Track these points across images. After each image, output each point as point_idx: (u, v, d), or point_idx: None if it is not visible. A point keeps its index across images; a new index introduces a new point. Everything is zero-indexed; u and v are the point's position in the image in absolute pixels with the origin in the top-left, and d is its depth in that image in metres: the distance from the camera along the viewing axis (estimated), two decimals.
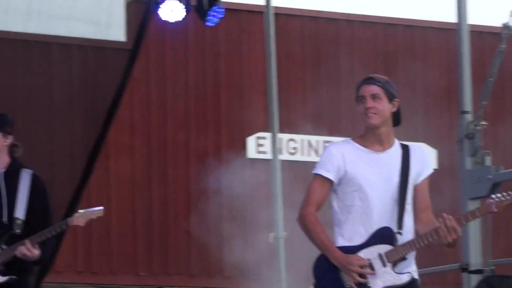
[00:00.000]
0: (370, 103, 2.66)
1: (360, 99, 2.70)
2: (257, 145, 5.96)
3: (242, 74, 5.76)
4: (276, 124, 5.53)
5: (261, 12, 5.61)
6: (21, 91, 5.30)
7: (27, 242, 3.52)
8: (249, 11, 5.84)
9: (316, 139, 6.21)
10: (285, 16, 5.86)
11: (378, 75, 2.72)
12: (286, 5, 5.98)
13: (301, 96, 6.01)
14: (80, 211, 3.47)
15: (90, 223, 5.28)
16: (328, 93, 6.26)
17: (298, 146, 6.22)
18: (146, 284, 5.53)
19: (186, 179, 5.54)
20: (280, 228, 4.84)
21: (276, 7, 5.55)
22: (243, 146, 5.73)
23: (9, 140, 3.67)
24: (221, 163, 5.56)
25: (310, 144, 6.25)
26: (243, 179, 5.59)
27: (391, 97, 2.66)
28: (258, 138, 5.93)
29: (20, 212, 3.57)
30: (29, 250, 3.52)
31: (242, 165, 5.61)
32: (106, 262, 5.42)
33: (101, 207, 3.46)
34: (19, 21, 5.42)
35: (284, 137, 5.88)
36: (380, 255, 2.59)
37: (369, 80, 2.83)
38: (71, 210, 5.24)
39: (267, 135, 5.83)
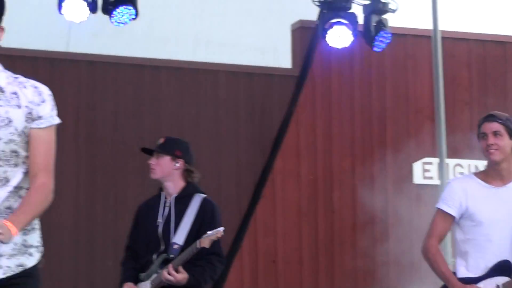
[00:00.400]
0: (491, 140, 2.78)
1: (482, 136, 2.78)
2: (424, 171, 5.81)
3: (408, 98, 5.66)
4: (444, 149, 5.40)
5: (427, 37, 5.59)
6: (189, 119, 5.49)
7: (170, 267, 3.62)
8: (415, 36, 5.75)
9: (484, 164, 6.01)
10: (451, 40, 5.70)
11: (499, 112, 2.71)
12: (453, 29, 5.81)
13: (468, 120, 5.83)
14: (208, 232, 3.48)
15: (257, 250, 5.41)
16: None
17: (465, 171, 6.02)
18: None
19: (352, 205, 5.49)
20: (449, 255, 4.73)
21: (442, 31, 5.44)
22: (409, 172, 5.62)
23: (179, 164, 3.75)
24: (387, 189, 5.48)
25: (477, 169, 6.06)
26: (409, 204, 5.47)
27: None
28: (425, 163, 5.76)
29: (179, 237, 3.66)
30: (171, 274, 3.60)
31: (408, 191, 5.49)
32: None
33: (222, 228, 3.53)
34: (187, 50, 5.63)
35: (450, 162, 5.72)
36: (498, 287, 2.63)
37: (491, 118, 2.89)
38: (239, 237, 5.34)
39: (434, 160, 5.79)
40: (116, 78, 5.48)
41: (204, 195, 3.81)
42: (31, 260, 2.30)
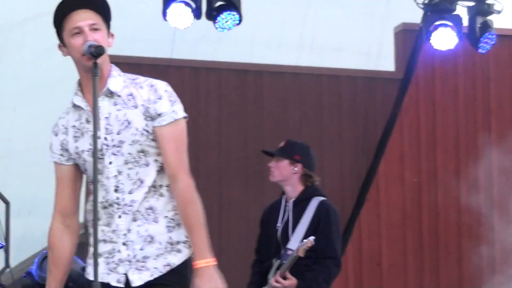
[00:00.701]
0: None
1: None
2: None
3: None
4: None
5: None
6: (292, 123, 5.58)
7: (277, 274, 3.68)
8: None
9: None
10: None
11: None
12: None
13: None
14: (304, 240, 3.55)
15: (361, 253, 5.46)
16: None
17: None
18: None
19: (457, 208, 5.48)
20: None
21: None
22: None
23: (297, 168, 3.80)
24: (492, 191, 5.46)
25: None
26: None
27: None
28: None
29: (294, 243, 3.72)
30: (278, 281, 3.66)
31: None
32: None
33: (312, 237, 3.55)
34: (291, 55, 5.73)
35: None
36: None
37: None
38: (343, 241, 5.42)
39: None
40: (220, 83, 5.62)
41: (322, 198, 3.86)
42: (180, 257, 2.29)
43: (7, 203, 5.55)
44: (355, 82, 5.49)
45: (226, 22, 5.04)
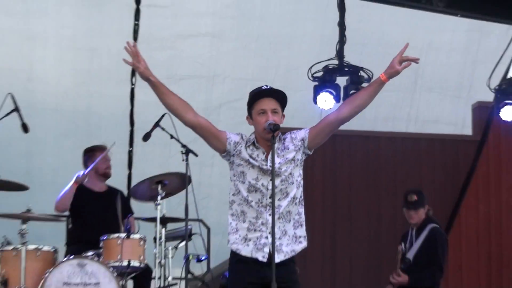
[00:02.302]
0: None
1: None
2: None
3: None
4: None
5: None
6: (400, 176, 7.50)
7: (395, 273, 5.54)
8: None
9: None
10: None
11: None
12: None
13: None
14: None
15: None
16: None
17: None
18: None
19: None
20: None
21: None
22: None
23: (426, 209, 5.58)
24: None
25: None
26: None
27: None
28: None
29: (410, 254, 5.56)
30: (394, 277, 5.44)
31: None
32: None
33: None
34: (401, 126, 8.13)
35: None
36: None
37: None
38: None
39: None
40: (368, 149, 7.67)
41: (435, 225, 5.62)
42: (300, 246, 3.29)
43: (208, 228, 7.06)
44: (445, 144, 7.70)
45: None
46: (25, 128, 5.45)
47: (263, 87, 3.31)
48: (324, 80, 6.71)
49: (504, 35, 7.41)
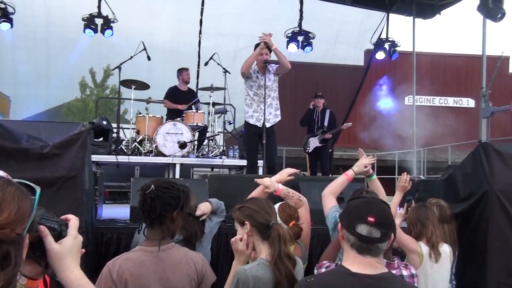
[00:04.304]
0: None
1: None
2: None
3: None
4: None
5: None
6: None
7: None
8: None
9: None
10: None
11: None
12: None
13: None
14: None
15: None
16: None
17: None
18: None
19: None
20: None
21: None
22: None
23: None
24: None
25: None
26: None
27: None
28: None
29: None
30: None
31: None
32: None
33: None
34: None
35: None
36: None
37: None
38: None
39: None
40: None
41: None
42: (278, 119, 9.46)
43: (235, 108, 14.32)
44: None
45: None
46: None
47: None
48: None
49: None
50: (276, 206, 3.98)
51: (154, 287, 3.11)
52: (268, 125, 7.99)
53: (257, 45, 8.08)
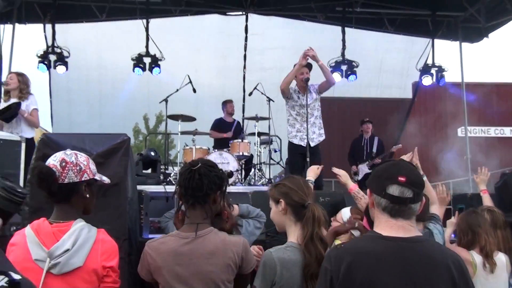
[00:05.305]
0: None
1: None
2: None
3: None
4: None
5: None
6: None
7: None
8: None
9: None
10: None
11: None
12: None
13: None
14: None
15: None
16: None
17: None
18: None
19: None
20: None
21: None
22: None
23: None
24: None
25: None
26: None
27: None
28: None
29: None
30: None
31: None
32: None
33: None
34: None
35: None
36: None
37: None
38: None
39: None
40: None
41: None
42: (322, 138, 9.19)
43: (280, 139, 14.43)
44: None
45: None
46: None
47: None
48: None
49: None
50: (347, 209, 3.95)
51: (186, 275, 3.04)
52: (312, 144, 7.97)
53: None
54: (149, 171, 10.53)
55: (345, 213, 4.36)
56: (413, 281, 2.31)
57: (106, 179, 3.06)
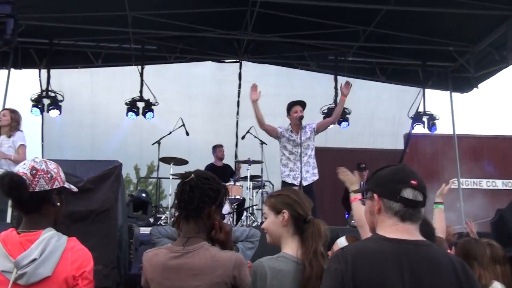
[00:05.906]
0: None
1: None
2: None
3: None
4: None
5: None
6: None
7: None
8: None
9: None
10: None
11: None
12: None
13: None
14: None
15: None
16: None
17: None
18: None
19: None
20: None
21: None
22: None
23: None
24: None
25: None
26: None
27: None
28: None
29: None
30: None
31: None
32: None
33: None
34: None
35: None
36: None
37: None
38: None
39: None
40: None
41: None
42: (315, 178, 10.25)
43: (273, 185, 14.30)
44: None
45: None
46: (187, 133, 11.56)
47: (295, 100, 8.58)
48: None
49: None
50: (342, 239, 3.99)
51: None
52: (305, 183, 7.92)
53: (290, 105, 8.18)
54: (140, 212, 10.42)
55: (341, 243, 4.31)
56: (419, 283, 2.30)
57: (74, 188, 2.98)
